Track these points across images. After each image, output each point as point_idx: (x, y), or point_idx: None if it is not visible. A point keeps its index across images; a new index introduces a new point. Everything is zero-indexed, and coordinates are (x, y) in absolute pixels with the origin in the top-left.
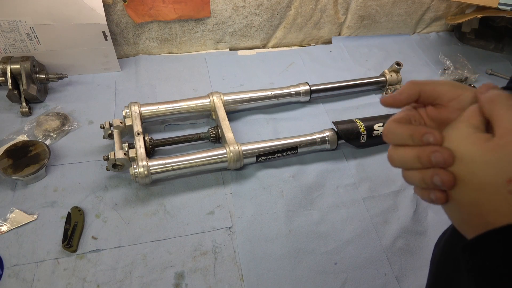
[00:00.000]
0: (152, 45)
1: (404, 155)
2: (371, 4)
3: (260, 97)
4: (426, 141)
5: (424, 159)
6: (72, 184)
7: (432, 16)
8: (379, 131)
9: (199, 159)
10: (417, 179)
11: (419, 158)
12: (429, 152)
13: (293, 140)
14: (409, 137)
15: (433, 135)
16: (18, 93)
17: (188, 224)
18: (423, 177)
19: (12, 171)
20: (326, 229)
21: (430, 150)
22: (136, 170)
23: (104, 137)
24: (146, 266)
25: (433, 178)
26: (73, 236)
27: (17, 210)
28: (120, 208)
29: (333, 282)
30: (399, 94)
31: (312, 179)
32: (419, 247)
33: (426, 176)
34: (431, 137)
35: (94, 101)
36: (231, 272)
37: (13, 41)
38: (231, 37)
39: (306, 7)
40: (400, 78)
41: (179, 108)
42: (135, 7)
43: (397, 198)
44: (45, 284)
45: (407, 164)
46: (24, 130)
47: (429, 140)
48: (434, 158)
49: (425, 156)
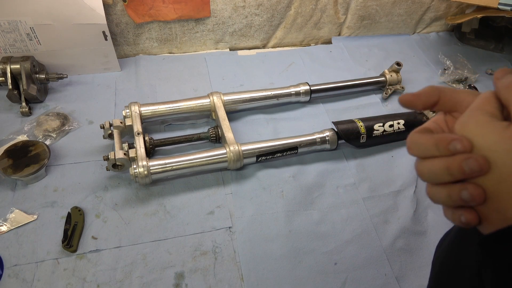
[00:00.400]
0: (152, 45)
1: (432, 167)
2: (371, 4)
3: (260, 97)
4: (453, 149)
5: (454, 169)
6: (72, 184)
7: (432, 16)
8: (379, 131)
9: (199, 159)
10: (443, 196)
11: (448, 169)
12: (460, 160)
13: (293, 140)
14: (434, 147)
15: (461, 141)
16: (18, 93)
17: (188, 224)
18: (450, 193)
19: (12, 171)
20: (326, 229)
21: (460, 159)
22: (136, 170)
23: (104, 137)
24: (146, 266)
25: (461, 193)
26: (73, 236)
27: (17, 210)
28: (120, 208)
29: (333, 282)
30: (417, 95)
31: (312, 179)
32: (419, 247)
33: (453, 192)
34: (459, 144)
35: (94, 101)
36: (231, 272)
37: (13, 41)
38: (231, 37)
39: (306, 7)
40: (400, 78)
41: (179, 108)
42: (135, 7)
43: (397, 198)
44: (45, 284)
45: (437, 177)
46: (24, 130)
47: (456, 148)
48: (467, 166)
49: (455, 166)
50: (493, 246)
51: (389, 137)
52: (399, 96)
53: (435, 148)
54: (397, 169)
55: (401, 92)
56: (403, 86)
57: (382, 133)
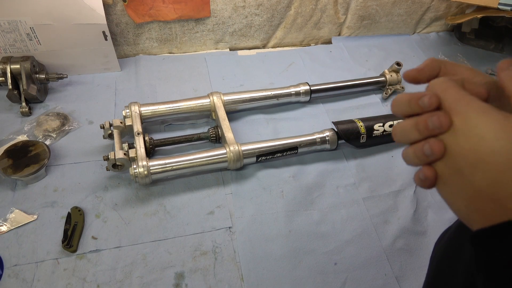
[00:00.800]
0: (152, 45)
1: (403, 125)
2: (371, 4)
3: (260, 97)
4: (421, 105)
5: (420, 125)
6: (72, 184)
7: (432, 16)
8: (379, 131)
9: (199, 159)
10: (411, 154)
11: (416, 125)
12: (426, 117)
13: (293, 140)
14: (407, 103)
15: (429, 97)
16: (18, 93)
17: (188, 224)
18: (415, 150)
19: (12, 171)
20: (326, 229)
21: (426, 116)
22: (136, 170)
23: (104, 137)
24: (146, 266)
25: (423, 147)
26: (73, 236)
27: (17, 210)
28: (120, 208)
29: (333, 282)
30: (421, 67)
31: (312, 179)
32: (419, 247)
33: (418, 148)
34: (426, 99)
35: (94, 101)
36: (231, 272)
37: (13, 41)
38: (231, 37)
39: (306, 7)
40: (400, 78)
41: (179, 108)
42: (135, 7)
43: (397, 198)
44: (45, 284)
45: (407, 135)
46: (24, 130)
47: (424, 103)
48: (431, 122)
49: (421, 122)
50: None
51: (389, 137)
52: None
53: (407, 105)
54: (397, 169)
55: (401, 92)
56: (403, 86)
57: (382, 133)
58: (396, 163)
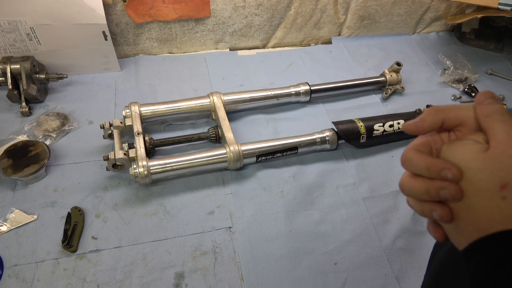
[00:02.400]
0: (152, 45)
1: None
2: (371, 4)
3: (260, 97)
4: (444, 177)
5: (433, 193)
6: (72, 184)
7: (432, 16)
8: (379, 131)
9: (199, 159)
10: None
11: (428, 191)
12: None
13: (293, 140)
14: (426, 169)
15: (451, 171)
16: (18, 93)
17: (188, 224)
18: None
19: (12, 171)
20: (326, 229)
21: (439, 185)
22: (136, 170)
23: (104, 137)
24: (146, 266)
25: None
26: (73, 236)
27: (17, 210)
28: (120, 208)
29: (333, 282)
30: (421, 122)
31: (312, 179)
32: (419, 247)
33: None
34: (449, 173)
35: (94, 101)
36: (231, 272)
37: (13, 41)
38: (231, 37)
39: (306, 7)
40: (400, 78)
41: (179, 108)
42: (135, 7)
43: (397, 198)
44: (45, 284)
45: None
46: (24, 130)
47: (447, 176)
48: (443, 194)
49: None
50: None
51: (389, 137)
52: (399, 96)
53: (426, 171)
54: (397, 169)
55: (401, 92)
56: (403, 86)
57: (382, 133)
58: (396, 163)
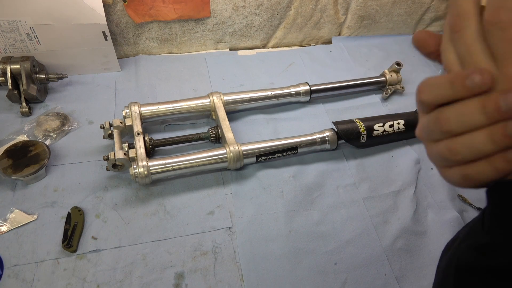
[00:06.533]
0: (152, 45)
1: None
2: (371, 4)
3: (260, 97)
4: (470, 85)
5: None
6: (72, 184)
7: (432, 16)
8: (379, 131)
9: (199, 159)
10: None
11: (483, 108)
12: (495, 96)
13: (293, 140)
14: (449, 86)
15: (480, 73)
16: (18, 93)
17: (188, 224)
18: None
19: (12, 171)
20: (326, 229)
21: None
22: (136, 170)
23: (104, 137)
24: (146, 266)
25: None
26: (73, 236)
27: (17, 210)
28: (120, 208)
29: (333, 282)
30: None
31: (312, 179)
32: (419, 247)
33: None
34: (477, 77)
35: (94, 101)
36: (231, 272)
37: (13, 41)
38: (231, 37)
39: (306, 7)
40: (400, 78)
41: (179, 108)
42: (135, 7)
43: (397, 198)
44: (45, 284)
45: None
46: (24, 130)
47: (474, 82)
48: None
49: (490, 104)
50: None
51: (389, 137)
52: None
53: (450, 87)
54: (397, 169)
55: (401, 92)
56: (403, 86)
57: (382, 133)
58: (396, 163)
